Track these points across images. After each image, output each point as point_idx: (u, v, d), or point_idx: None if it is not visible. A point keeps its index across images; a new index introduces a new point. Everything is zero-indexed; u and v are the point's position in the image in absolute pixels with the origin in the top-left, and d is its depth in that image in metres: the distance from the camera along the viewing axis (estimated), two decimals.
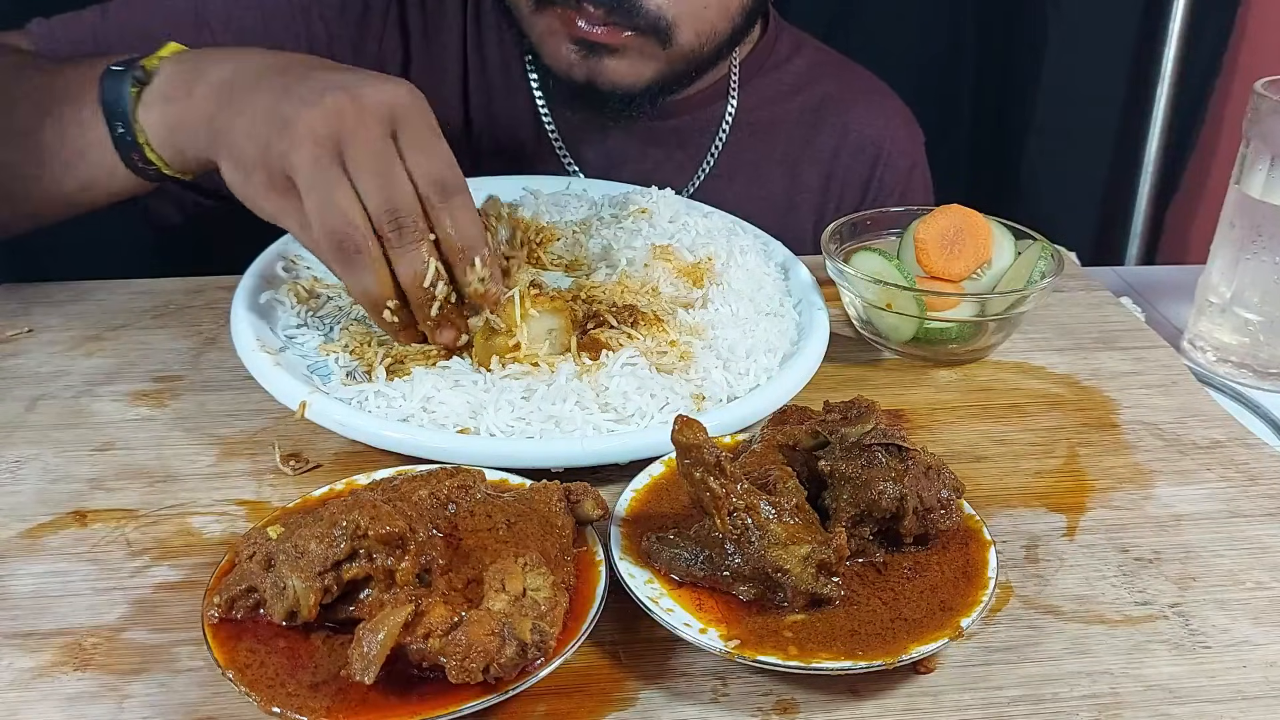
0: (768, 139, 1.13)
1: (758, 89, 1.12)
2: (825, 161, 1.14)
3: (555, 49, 0.95)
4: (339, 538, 0.49)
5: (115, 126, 0.77)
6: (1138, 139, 1.65)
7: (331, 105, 0.67)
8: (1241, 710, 0.51)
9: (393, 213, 0.67)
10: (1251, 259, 0.83)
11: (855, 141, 1.14)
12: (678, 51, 0.94)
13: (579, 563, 0.55)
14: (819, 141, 1.13)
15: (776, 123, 1.13)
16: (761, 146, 1.12)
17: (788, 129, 1.13)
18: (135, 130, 0.76)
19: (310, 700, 0.46)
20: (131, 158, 0.78)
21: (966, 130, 1.72)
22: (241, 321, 0.73)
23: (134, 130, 0.76)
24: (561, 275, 0.86)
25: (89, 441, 0.70)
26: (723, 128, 1.11)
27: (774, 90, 1.13)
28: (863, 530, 0.56)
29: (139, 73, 0.77)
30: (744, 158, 1.12)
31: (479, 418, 0.66)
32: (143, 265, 0.97)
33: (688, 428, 0.53)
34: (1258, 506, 0.66)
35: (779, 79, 1.14)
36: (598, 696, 0.51)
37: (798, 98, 1.14)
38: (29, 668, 0.52)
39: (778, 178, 1.13)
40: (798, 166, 1.13)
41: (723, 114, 1.11)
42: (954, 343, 0.82)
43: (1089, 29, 1.59)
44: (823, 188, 1.14)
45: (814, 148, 1.13)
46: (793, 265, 0.88)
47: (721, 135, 1.11)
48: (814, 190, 1.14)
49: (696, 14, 0.92)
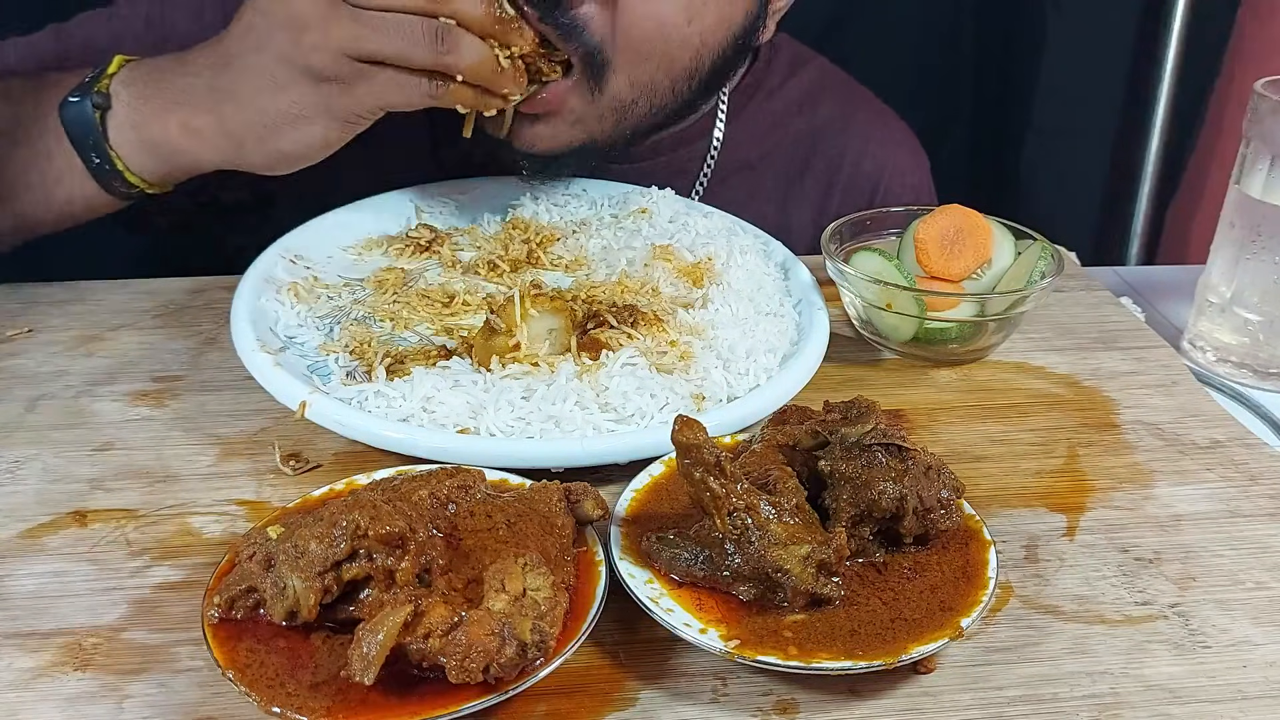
0: (756, 176, 1.06)
1: (747, 121, 1.06)
2: (818, 198, 1.08)
3: None
4: (339, 538, 0.49)
5: (90, 158, 0.77)
6: (1138, 139, 1.65)
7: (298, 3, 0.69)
8: (1241, 710, 0.51)
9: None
10: (1251, 259, 0.83)
11: (850, 175, 1.08)
12: (608, 103, 0.84)
13: (579, 563, 0.55)
14: (811, 176, 1.08)
15: (766, 156, 1.07)
16: (749, 184, 1.06)
17: (778, 163, 1.07)
18: (112, 159, 0.76)
19: (310, 700, 0.46)
20: (113, 184, 0.78)
21: (966, 130, 1.72)
22: (241, 321, 0.73)
23: (110, 159, 0.76)
24: (561, 275, 0.86)
25: (89, 441, 0.70)
26: (705, 167, 1.04)
27: (765, 121, 1.07)
28: (863, 530, 0.56)
29: (97, 99, 0.77)
30: (730, 196, 1.03)
31: (479, 418, 0.66)
32: (143, 265, 0.97)
33: (688, 428, 0.53)
34: (1258, 506, 0.66)
35: (770, 109, 1.07)
36: (598, 696, 0.51)
37: (790, 128, 1.07)
38: (29, 668, 0.52)
39: (767, 215, 1.02)
40: (788, 204, 1.08)
41: (705, 153, 1.03)
42: (954, 343, 0.82)
43: (1089, 29, 1.59)
44: (815, 223, 1.06)
45: (805, 185, 1.08)
46: (793, 265, 0.88)
47: (704, 175, 1.04)
48: (805, 225, 1.07)
49: (634, 61, 0.83)
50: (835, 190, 1.08)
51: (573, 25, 0.79)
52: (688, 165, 1.04)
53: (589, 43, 0.81)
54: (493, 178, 0.98)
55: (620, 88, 0.84)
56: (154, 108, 0.76)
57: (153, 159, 0.77)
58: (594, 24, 0.80)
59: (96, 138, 0.76)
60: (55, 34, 0.97)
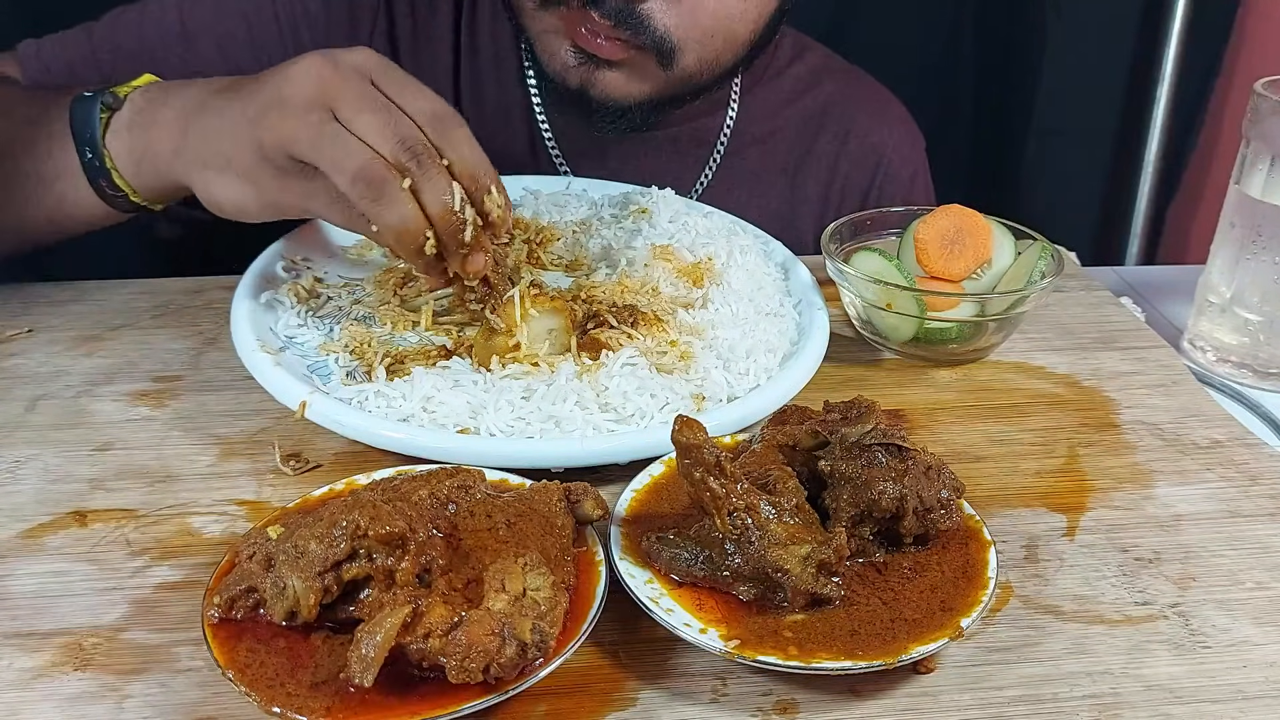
0: (768, 149, 1.12)
1: (758, 98, 1.11)
2: (825, 170, 1.13)
3: (553, 49, 0.94)
4: (339, 538, 0.49)
5: (84, 152, 0.77)
6: (1138, 139, 1.65)
7: (309, 72, 0.67)
8: (1241, 710, 0.51)
9: (404, 142, 0.66)
10: (1251, 259, 0.83)
11: (856, 149, 1.13)
12: (677, 75, 0.92)
13: (579, 563, 0.55)
14: (819, 150, 1.12)
15: (776, 132, 1.12)
16: (761, 157, 1.11)
17: (788, 138, 1.12)
18: (103, 156, 0.76)
19: (310, 700, 0.46)
20: (100, 184, 0.78)
21: (966, 130, 1.72)
22: (241, 321, 0.73)
23: (102, 156, 0.76)
24: (561, 275, 0.86)
25: (89, 441, 0.70)
26: (721, 138, 1.10)
27: (775, 99, 1.12)
28: (863, 530, 0.56)
29: (109, 98, 0.77)
30: (744, 168, 1.11)
31: (479, 418, 0.66)
32: (143, 265, 0.97)
33: (688, 428, 0.53)
34: (1258, 506, 0.66)
35: (779, 86, 1.13)
36: (598, 696, 0.51)
37: (798, 105, 1.13)
38: (29, 668, 0.52)
39: (778, 188, 1.12)
40: (798, 176, 1.12)
41: (722, 124, 1.10)
42: (954, 343, 0.82)
43: (1089, 29, 1.59)
44: (823, 197, 1.13)
45: (814, 156, 1.12)
46: (793, 265, 0.88)
47: (720, 145, 1.10)
48: (814, 200, 1.13)
49: (703, 41, 0.90)
50: (841, 163, 1.13)
51: (641, 20, 0.86)
52: (707, 135, 1.10)
53: (656, 34, 0.87)
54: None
55: (689, 65, 0.92)
56: (146, 117, 0.76)
57: (134, 164, 0.77)
58: (659, 16, 0.87)
59: (94, 132, 0.76)
60: (87, 32, 0.98)
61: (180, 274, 0.93)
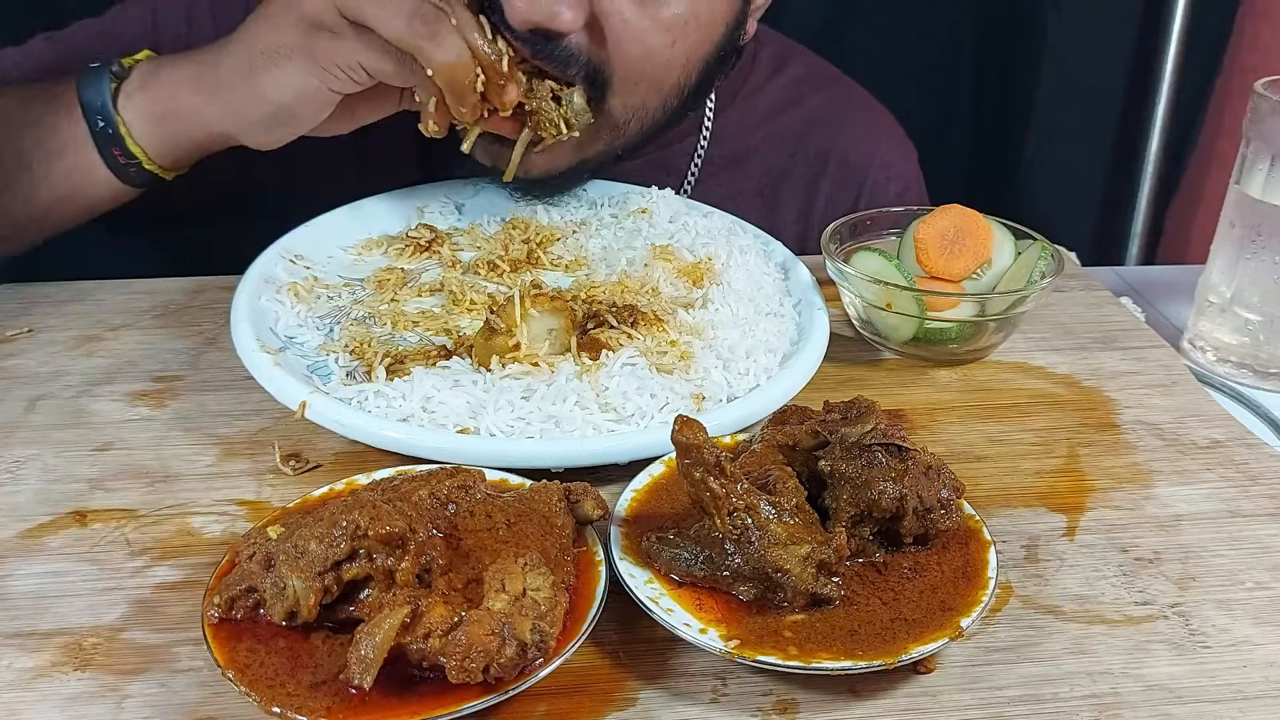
0: (742, 171, 1.06)
1: (733, 118, 1.06)
2: (804, 191, 1.08)
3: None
4: (339, 538, 0.49)
5: (96, 121, 0.78)
6: (1138, 139, 1.65)
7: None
8: (1241, 710, 0.51)
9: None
10: (1251, 259, 0.83)
11: (837, 169, 1.08)
12: (603, 124, 0.85)
13: (579, 563, 0.55)
14: (797, 171, 1.07)
15: (752, 152, 1.07)
16: (736, 180, 1.06)
17: (764, 159, 1.07)
18: (116, 123, 0.77)
19: (310, 700, 0.46)
20: (112, 152, 0.78)
21: (966, 130, 1.72)
22: (241, 321, 0.73)
23: (115, 123, 0.77)
24: (561, 275, 0.86)
25: (89, 441, 0.70)
26: (694, 162, 1.05)
27: (751, 118, 1.07)
28: (863, 530, 0.56)
29: (116, 68, 0.79)
30: (718, 191, 1.04)
31: (479, 418, 0.66)
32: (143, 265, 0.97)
33: (688, 428, 0.53)
34: (1258, 506, 0.66)
35: (755, 104, 1.07)
36: (598, 696, 0.51)
37: (776, 122, 1.08)
38: (29, 668, 0.52)
39: (755, 210, 1.03)
40: (776, 198, 1.08)
41: (694, 148, 1.04)
42: (954, 343, 0.82)
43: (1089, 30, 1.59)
44: (802, 219, 1.08)
45: (792, 179, 1.08)
46: (793, 265, 0.88)
47: (694, 170, 1.05)
48: (792, 222, 1.08)
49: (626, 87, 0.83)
50: (822, 184, 1.08)
51: (565, 54, 0.80)
52: (676, 162, 1.05)
53: (587, 64, 0.81)
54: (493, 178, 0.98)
55: (615, 110, 0.85)
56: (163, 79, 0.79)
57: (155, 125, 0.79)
58: (585, 53, 0.81)
59: (105, 100, 0.78)
60: (50, 43, 0.97)
61: (180, 273, 0.93)
